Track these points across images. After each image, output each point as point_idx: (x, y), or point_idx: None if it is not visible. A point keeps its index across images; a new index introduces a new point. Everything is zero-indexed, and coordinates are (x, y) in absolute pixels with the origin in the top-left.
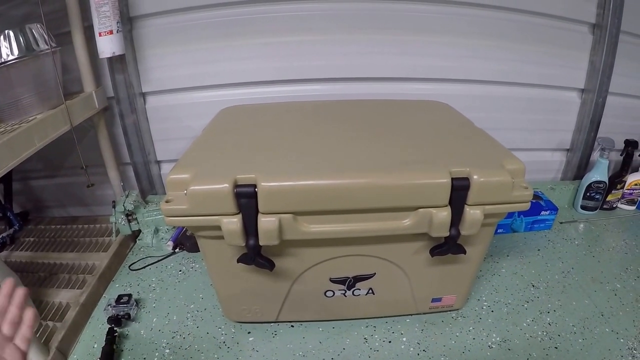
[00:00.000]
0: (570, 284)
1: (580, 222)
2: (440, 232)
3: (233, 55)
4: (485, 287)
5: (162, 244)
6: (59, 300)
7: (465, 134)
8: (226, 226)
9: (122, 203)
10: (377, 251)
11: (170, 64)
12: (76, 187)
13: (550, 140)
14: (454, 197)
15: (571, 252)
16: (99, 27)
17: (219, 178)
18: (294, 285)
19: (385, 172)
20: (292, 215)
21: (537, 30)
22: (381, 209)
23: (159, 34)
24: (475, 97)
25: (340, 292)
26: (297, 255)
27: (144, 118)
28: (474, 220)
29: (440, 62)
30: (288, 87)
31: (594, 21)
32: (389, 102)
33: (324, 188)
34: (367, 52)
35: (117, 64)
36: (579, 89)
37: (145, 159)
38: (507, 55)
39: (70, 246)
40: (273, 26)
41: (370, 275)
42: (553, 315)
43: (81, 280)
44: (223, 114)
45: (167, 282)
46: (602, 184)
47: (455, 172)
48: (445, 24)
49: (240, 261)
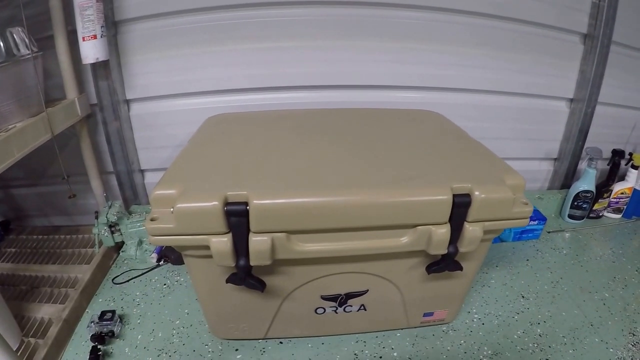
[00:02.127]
0: (559, 294)
1: (568, 231)
2: (438, 250)
3: (219, 61)
4: (476, 299)
5: (146, 256)
6: (40, 316)
7: (462, 146)
8: (216, 246)
9: (105, 214)
10: (370, 268)
11: (155, 70)
12: (58, 196)
13: (538, 150)
14: (454, 213)
15: (559, 262)
16: (82, 31)
17: (208, 195)
18: (284, 303)
19: (384, 189)
20: (285, 234)
21: (529, 39)
22: (379, 227)
23: (144, 38)
24: (464, 106)
25: (332, 309)
26: (288, 274)
27: (128, 126)
28: (474, 237)
29: (430, 70)
30: (275, 94)
31: (586, 31)
32: (382, 111)
33: (320, 206)
34: (357, 59)
35: (101, 69)
36: (568, 99)
37: (129, 168)
38: (498, 63)
39: (52, 258)
40: (260, 32)
41: (362, 292)
42: (543, 327)
43: (64, 294)
44: (209, 123)
45: (151, 297)
46: (589, 193)
47: (456, 189)
48: (435, 31)
49: (229, 282)
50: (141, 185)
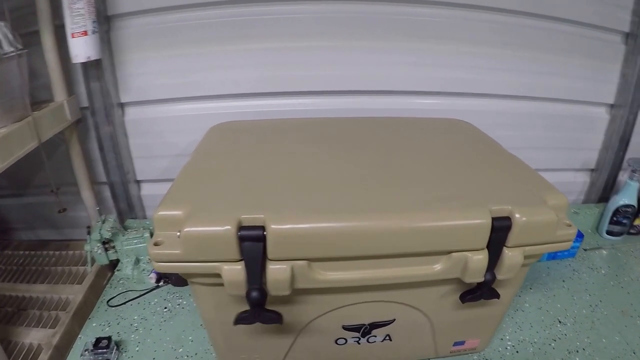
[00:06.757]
0: (598, 318)
1: (606, 248)
2: (475, 279)
3: (224, 62)
4: (509, 325)
5: (144, 275)
6: (29, 342)
7: (496, 160)
8: (228, 275)
9: (98, 230)
10: (398, 296)
11: (153, 71)
12: (46, 207)
13: (574, 160)
14: (492, 239)
15: (598, 283)
16: (71, 27)
17: (219, 218)
18: (301, 333)
19: (416, 213)
20: (306, 262)
21: (564, 39)
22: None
23: (141, 35)
24: (491, 113)
25: (354, 340)
26: (307, 302)
27: (122, 132)
28: (513, 264)
29: (454, 73)
30: (285, 100)
31: (628, 30)
32: (405, 121)
33: (346, 232)
34: (376, 62)
35: (93, 69)
36: (608, 104)
37: (124, 178)
38: (530, 66)
39: (40, 276)
40: (268, 30)
41: (389, 321)
42: (582, 355)
43: (54, 317)
44: (214, 133)
45: (151, 321)
46: (630, 207)
47: (495, 211)
48: (460, 30)
49: (239, 323)
50: (137, 198)
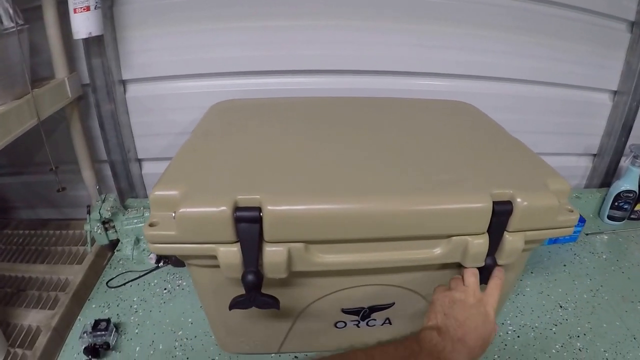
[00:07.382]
0: (599, 303)
1: (607, 233)
2: (475, 263)
3: (227, 40)
4: (510, 309)
5: (144, 256)
6: (28, 323)
7: (499, 144)
8: (224, 257)
9: (97, 209)
10: (398, 280)
11: (156, 47)
12: (46, 186)
13: (576, 145)
14: (493, 223)
15: (599, 268)
16: (73, 2)
17: (215, 198)
18: (300, 317)
19: (416, 196)
20: (303, 245)
21: (570, 25)
22: (409, 237)
23: (144, 11)
24: (495, 96)
25: (353, 323)
26: (305, 285)
27: (124, 110)
28: (514, 248)
29: (460, 55)
30: (286, 78)
31: (633, 18)
32: (407, 102)
33: (344, 214)
34: (379, 41)
35: (94, 46)
36: (611, 91)
37: (125, 157)
38: (535, 51)
39: (40, 256)
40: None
41: (388, 305)
42: (583, 340)
43: (53, 298)
44: (214, 112)
45: (150, 303)
46: (632, 193)
47: (496, 195)
48: (466, 12)
49: (234, 308)
50: (138, 176)
